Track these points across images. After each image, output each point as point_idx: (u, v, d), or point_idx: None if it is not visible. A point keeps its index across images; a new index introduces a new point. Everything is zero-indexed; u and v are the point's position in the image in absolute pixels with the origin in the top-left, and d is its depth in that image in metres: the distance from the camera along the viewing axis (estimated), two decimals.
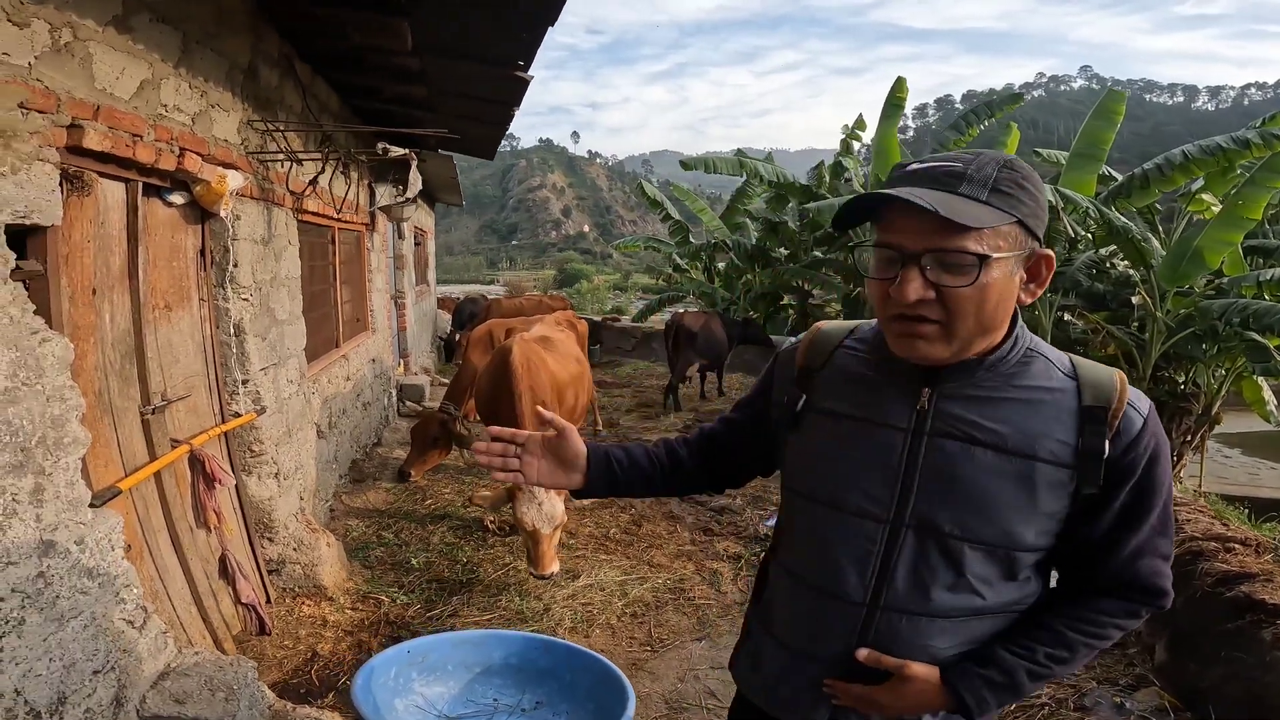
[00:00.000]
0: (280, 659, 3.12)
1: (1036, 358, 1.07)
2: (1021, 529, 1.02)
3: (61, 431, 1.90)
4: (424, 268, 11.51)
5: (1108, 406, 1.03)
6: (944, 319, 0.98)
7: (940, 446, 1.04)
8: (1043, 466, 1.01)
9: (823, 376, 1.16)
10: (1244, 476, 11.46)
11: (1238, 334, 6.58)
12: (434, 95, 4.58)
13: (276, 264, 3.75)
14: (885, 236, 0.99)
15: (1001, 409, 1.03)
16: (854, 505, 1.07)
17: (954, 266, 0.96)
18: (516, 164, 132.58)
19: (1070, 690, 2.77)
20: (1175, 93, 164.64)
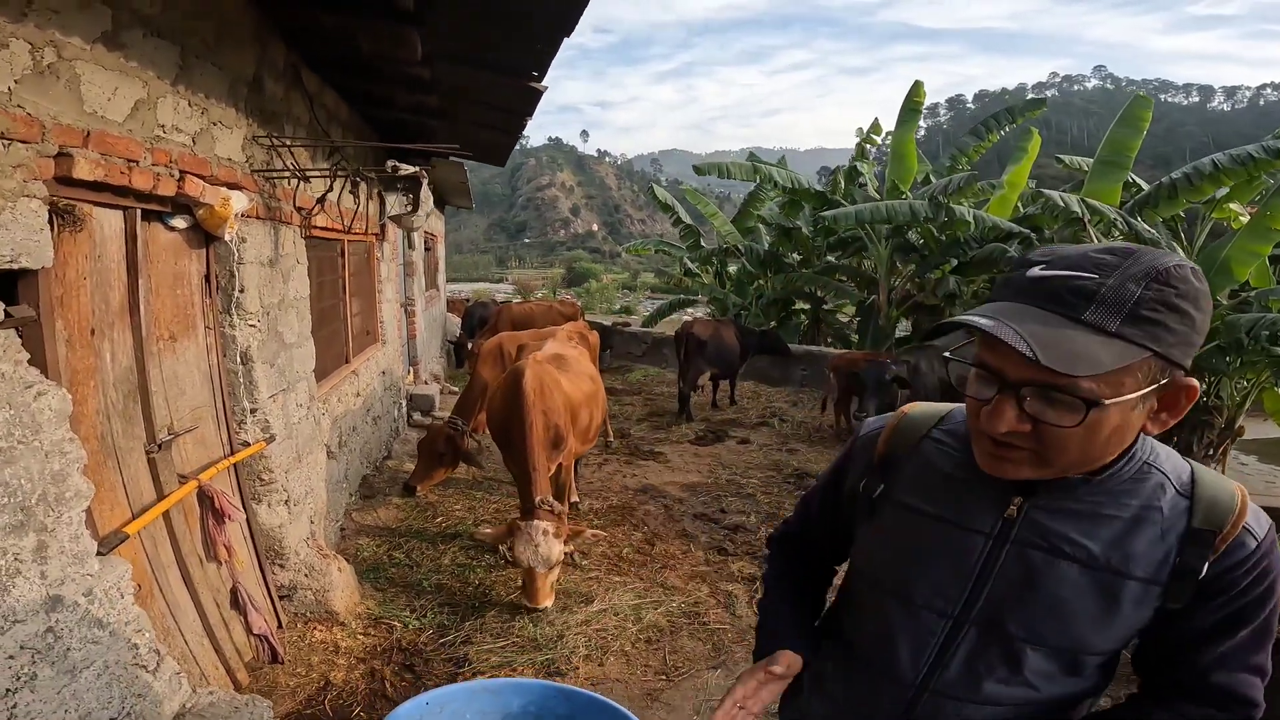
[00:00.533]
0: (293, 688, 3.08)
1: (1152, 473, 0.97)
2: (1094, 638, 0.98)
3: (63, 486, 1.82)
4: (434, 272, 11.45)
5: (1219, 530, 0.94)
6: (1037, 449, 0.90)
7: (1024, 555, 0.98)
8: (1132, 584, 0.95)
9: (906, 467, 1.10)
10: (1261, 484, 11.27)
11: (1264, 349, 6.43)
12: (447, 104, 4.50)
13: (284, 285, 3.67)
14: (984, 355, 0.90)
15: (1100, 526, 0.96)
16: (921, 599, 1.05)
17: (1058, 403, 0.85)
18: (526, 163, 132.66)
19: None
20: (1190, 93, 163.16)
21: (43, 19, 1.87)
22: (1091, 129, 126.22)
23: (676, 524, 5.27)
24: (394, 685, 3.22)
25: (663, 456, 7.01)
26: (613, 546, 4.76)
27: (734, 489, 6.13)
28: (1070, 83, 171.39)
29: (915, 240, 10.32)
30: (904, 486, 1.09)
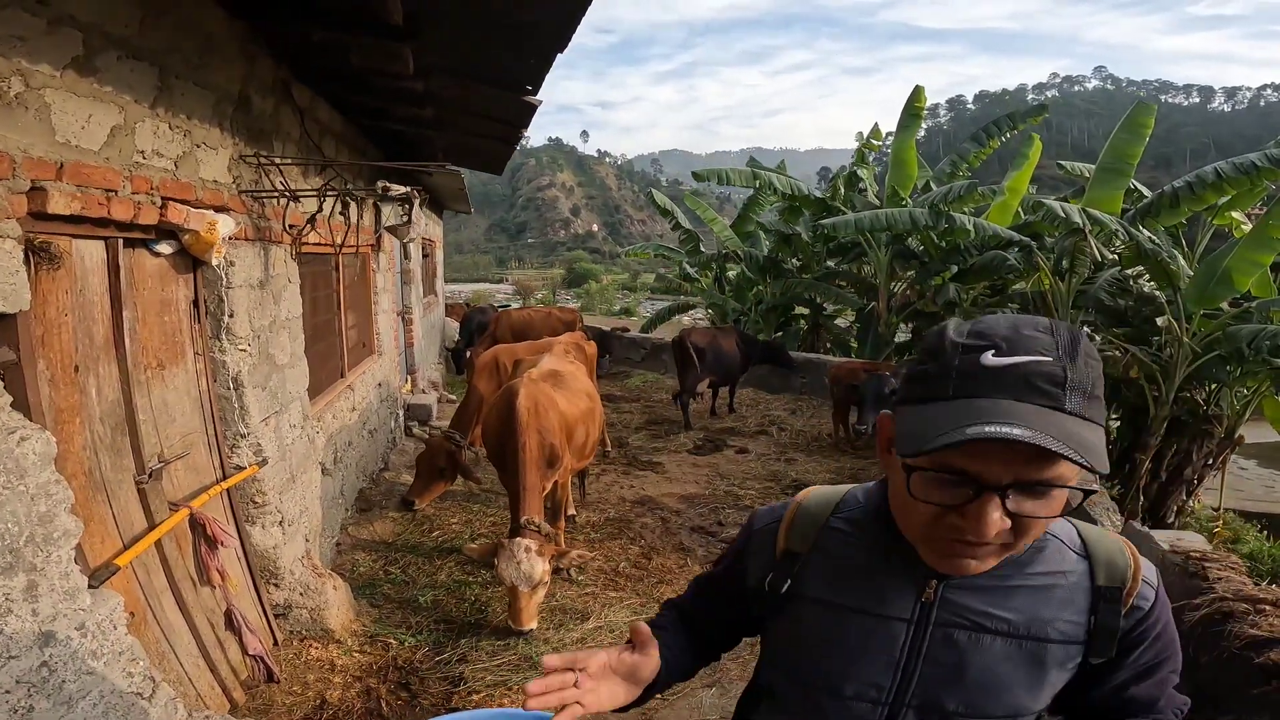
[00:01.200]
0: (289, 706, 3.07)
1: (1049, 540, 0.99)
2: (1028, 702, 0.98)
3: (50, 527, 1.80)
4: (432, 278, 11.44)
5: (1122, 586, 0.99)
6: (1009, 542, 0.87)
7: (948, 636, 0.96)
8: (1054, 647, 0.97)
9: (811, 560, 1.05)
10: (1260, 490, 11.25)
11: (1265, 361, 6.40)
12: (443, 116, 4.50)
13: (276, 306, 3.64)
14: (961, 463, 0.82)
15: (1013, 597, 0.96)
16: (852, 691, 1.00)
17: (1042, 494, 0.83)
18: (526, 163, 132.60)
19: None
20: (1191, 93, 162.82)
21: (7, 47, 1.79)
22: (1092, 130, 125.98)
23: (674, 537, 5.25)
24: (389, 704, 3.20)
25: (661, 467, 6.98)
26: (609, 561, 4.73)
27: (731, 500, 6.10)
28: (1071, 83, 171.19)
29: (915, 247, 10.29)
30: (813, 581, 1.05)
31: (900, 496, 0.91)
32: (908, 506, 0.90)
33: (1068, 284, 7.70)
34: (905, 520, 0.94)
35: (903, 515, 0.94)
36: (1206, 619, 2.97)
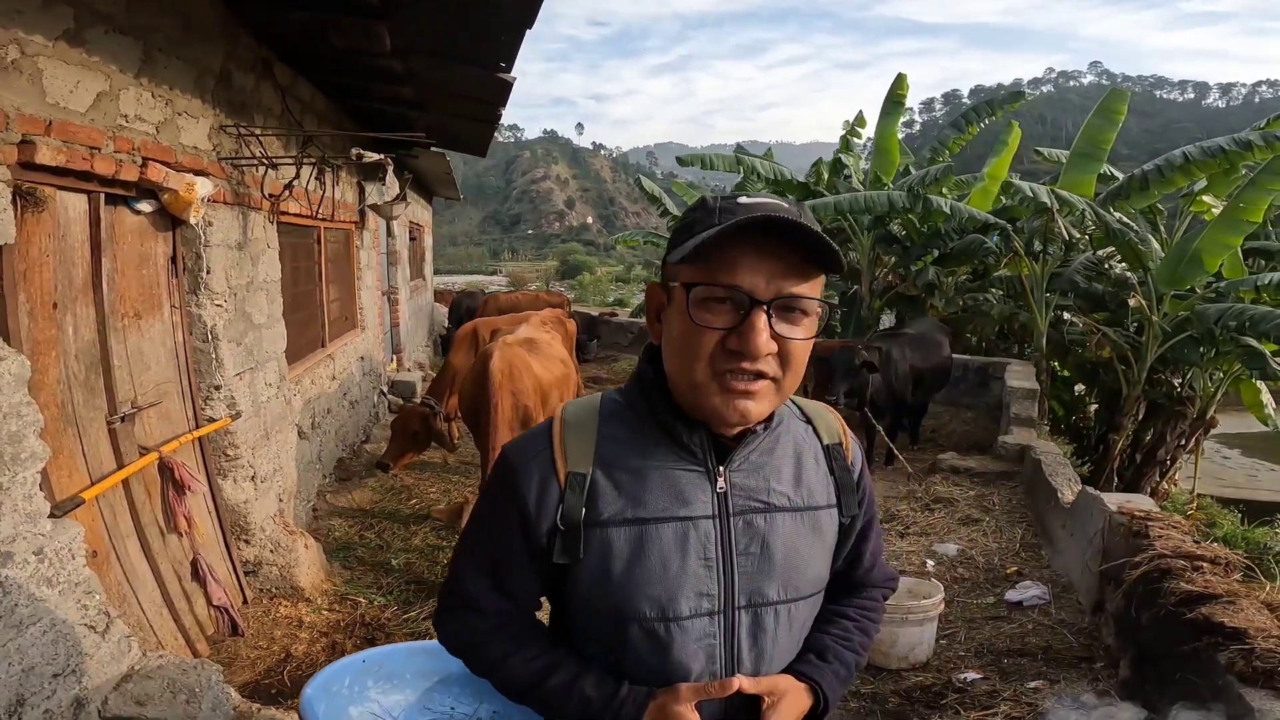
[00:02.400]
0: (253, 659, 3.13)
1: (784, 414, 1.06)
2: (824, 570, 1.07)
3: (19, 447, 1.90)
4: (420, 262, 11.52)
5: (840, 442, 1.09)
6: (778, 375, 0.92)
7: (748, 523, 0.99)
8: (821, 513, 1.05)
9: (596, 480, 0.98)
10: (1242, 478, 11.44)
11: (1234, 339, 6.53)
12: (421, 95, 4.59)
13: (253, 268, 3.75)
14: (727, 278, 0.88)
15: (782, 471, 1.03)
16: (688, 609, 0.97)
17: (797, 314, 0.90)
18: (520, 155, 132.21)
19: (1026, 709, 2.75)
20: (1186, 89, 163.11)
21: (6, 19, 1.99)
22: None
23: None
24: None
25: None
26: None
27: None
28: (1066, 79, 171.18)
29: (898, 232, 10.39)
30: (608, 499, 0.97)
31: (679, 343, 0.92)
32: (688, 349, 0.91)
33: (1042, 265, 7.83)
34: (687, 370, 0.92)
35: (685, 364, 0.92)
36: (1146, 576, 2.99)
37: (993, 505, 5.20)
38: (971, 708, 2.76)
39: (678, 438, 0.98)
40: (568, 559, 0.97)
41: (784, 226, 0.87)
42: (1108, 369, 7.64)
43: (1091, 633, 3.36)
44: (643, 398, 1.02)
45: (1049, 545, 4.42)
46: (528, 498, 0.98)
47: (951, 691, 2.94)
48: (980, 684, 2.98)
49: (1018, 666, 3.13)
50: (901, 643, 3.16)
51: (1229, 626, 2.40)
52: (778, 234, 0.87)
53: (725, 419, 0.93)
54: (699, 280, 0.89)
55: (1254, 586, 2.78)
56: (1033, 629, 3.46)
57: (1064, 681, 2.96)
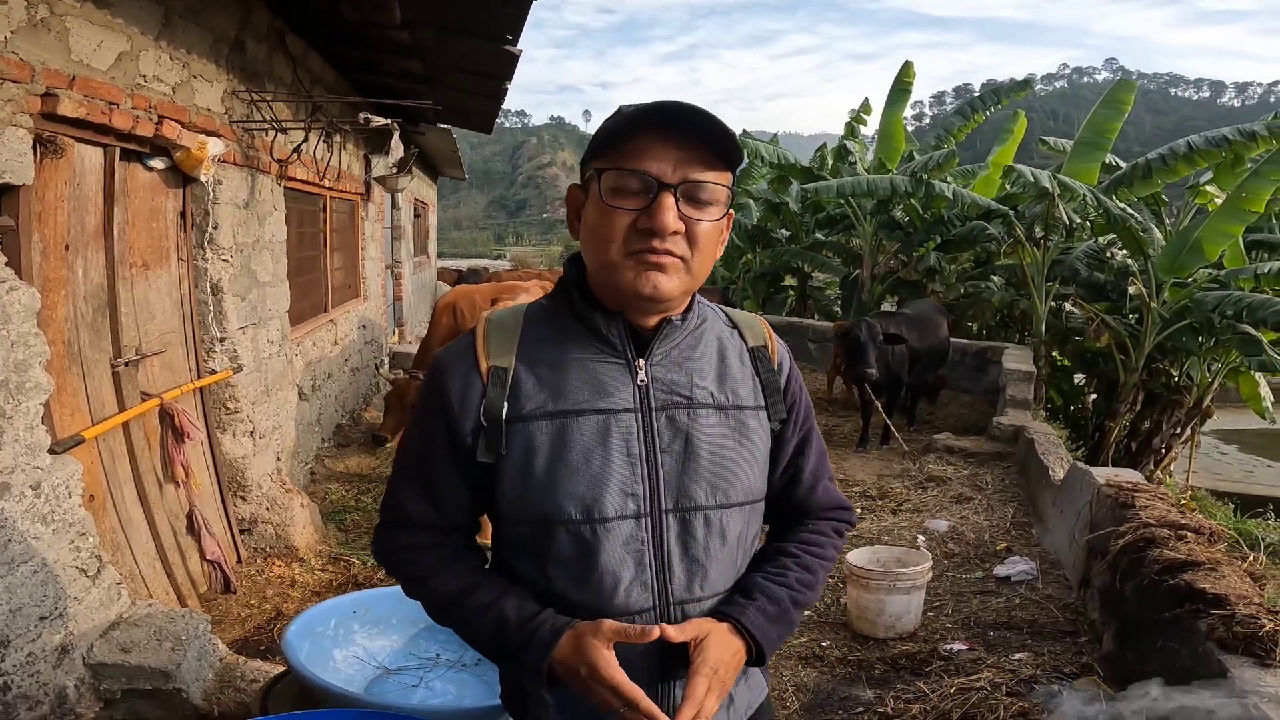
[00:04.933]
0: (244, 617, 3.15)
1: (708, 313, 1.08)
2: (757, 480, 1.05)
3: (24, 376, 1.96)
4: (424, 239, 11.57)
5: (765, 345, 1.09)
6: (686, 256, 0.95)
7: (671, 418, 0.99)
8: (747, 412, 1.04)
9: (519, 374, 0.98)
10: (1238, 473, 11.45)
11: (1231, 327, 6.54)
12: (429, 70, 4.62)
13: (260, 228, 3.81)
14: (636, 164, 0.92)
15: (705, 368, 1.03)
16: (613, 509, 0.95)
17: (703, 201, 0.94)
18: (527, 141, 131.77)
19: (1008, 675, 2.77)
20: (1202, 88, 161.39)
21: None
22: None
23: None
24: None
25: None
26: None
27: None
28: (1081, 74, 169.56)
29: (900, 218, 10.40)
30: (530, 393, 0.97)
31: (594, 229, 0.96)
32: (602, 232, 0.95)
33: (1043, 253, 7.84)
34: (601, 251, 0.95)
35: (599, 247, 0.95)
36: (1130, 546, 2.96)
37: (985, 484, 5.22)
38: (956, 674, 2.79)
39: (596, 329, 0.99)
40: (491, 456, 0.97)
41: (683, 115, 0.91)
42: (1106, 357, 7.65)
43: (1077, 608, 3.39)
44: (564, 295, 1.03)
45: (1039, 523, 4.46)
46: (451, 396, 0.98)
47: (937, 660, 2.98)
48: (965, 654, 3.02)
49: (1003, 639, 3.16)
50: (889, 611, 3.19)
51: (1210, 593, 2.38)
52: (683, 127, 0.92)
53: (638, 291, 0.94)
54: (611, 166, 0.94)
55: (1236, 557, 2.77)
56: (1019, 603, 3.49)
57: (1048, 654, 2.98)
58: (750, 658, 0.99)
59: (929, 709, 2.54)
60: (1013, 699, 2.55)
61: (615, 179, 0.93)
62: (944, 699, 2.58)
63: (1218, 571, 2.52)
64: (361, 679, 2.04)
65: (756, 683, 1.10)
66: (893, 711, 2.58)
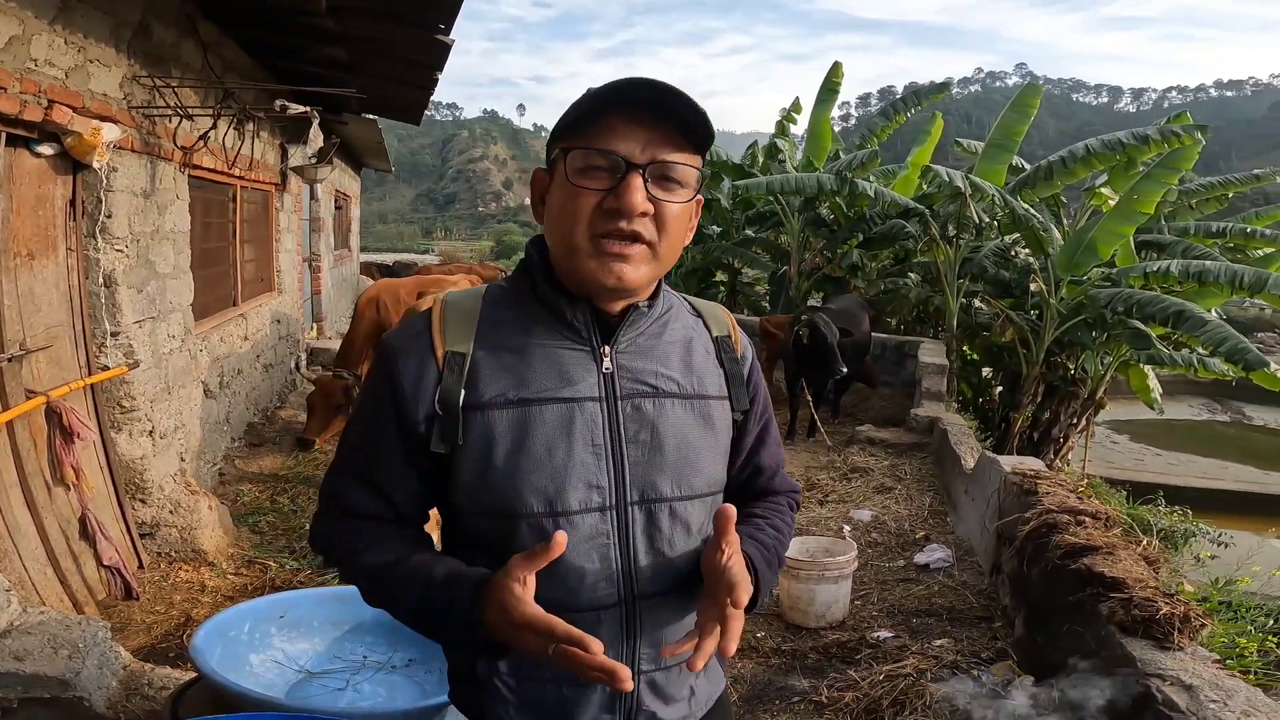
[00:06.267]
0: (150, 624, 3.00)
1: (674, 302, 1.06)
2: (719, 471, 1.04)
3: None
4: (346, 232, 11.20)
5: (729, 335, 1.08)
6: (654, 239, 0.92)
7: (636, 407, 0.96)
8: (712, 402, 1.02)
9: (477, 360, 0.94)
10: (1130, 461, 12.24)
11: (1122, 322, 6.99)
12: (356, 57, 4.46)
13: (160, 217, 3.63)
14: (604, 143, 0.89)
15: (670, 356, 1.00)
16: (577, 502, 0.92)
17: (672, 183, 0.91)
18: (458, 134, 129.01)
19: (932, 661, 2.85)
20: (1101, 93, 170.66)
21: None
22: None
23: None
24: None
25: None
26: None
27: None
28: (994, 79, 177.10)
29: (826, 216, 10.69)
30: (489, 380, 0.93)
31: (559, 211, 0.93)
32: (567, 213, 0.92)
33: (955, 251, 8.20)
34: (566, 235, 0.92)
35: (564, 229, 0.92)
36: (1035, 532, 3.02)
37: (905, 474, 5.39)
38: (884, 662, 2.86)
39: (561, 314, 0.96)
40: (446, 446, 0.92)
41: (655, 94, 0.89)
42: (1011, 352, 8.07)
43: (990, 593, 3.49)
44: (527, 278, 0.99)
45: (954, 511, 4.61)
46: (403, 381, 0.93)
47: (865, 647, 3.06)
48: (892, 641, 3.10)
49: (925, 625, 3.25)
50: (819, 600, 3.26)
51: (1109, 576, 2.42)
52: (652, 107, 0.90)
53: (602, 282, 0.91)
54: (578, 145, 0.90)
55: (1131, 541, 2.87)
56: (938, 590, 3.60)
57: (966, 640, 3.07)
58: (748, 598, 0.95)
59: (860, 696, 2.59)
60: (937, 685, 2.60)
61: (582, 158, 0.90)
62: (874, 686, 2.64)
63: (1115, 556, 2.58)
64: (283, 683, 1.97)
65: (715, 675, 1.09)
66: (827, 700, 2.63)
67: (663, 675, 0.99)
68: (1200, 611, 2.22)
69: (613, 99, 0.89)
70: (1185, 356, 7.33)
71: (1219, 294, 6.99)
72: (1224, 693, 1.84)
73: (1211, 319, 6.35)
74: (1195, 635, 2.16)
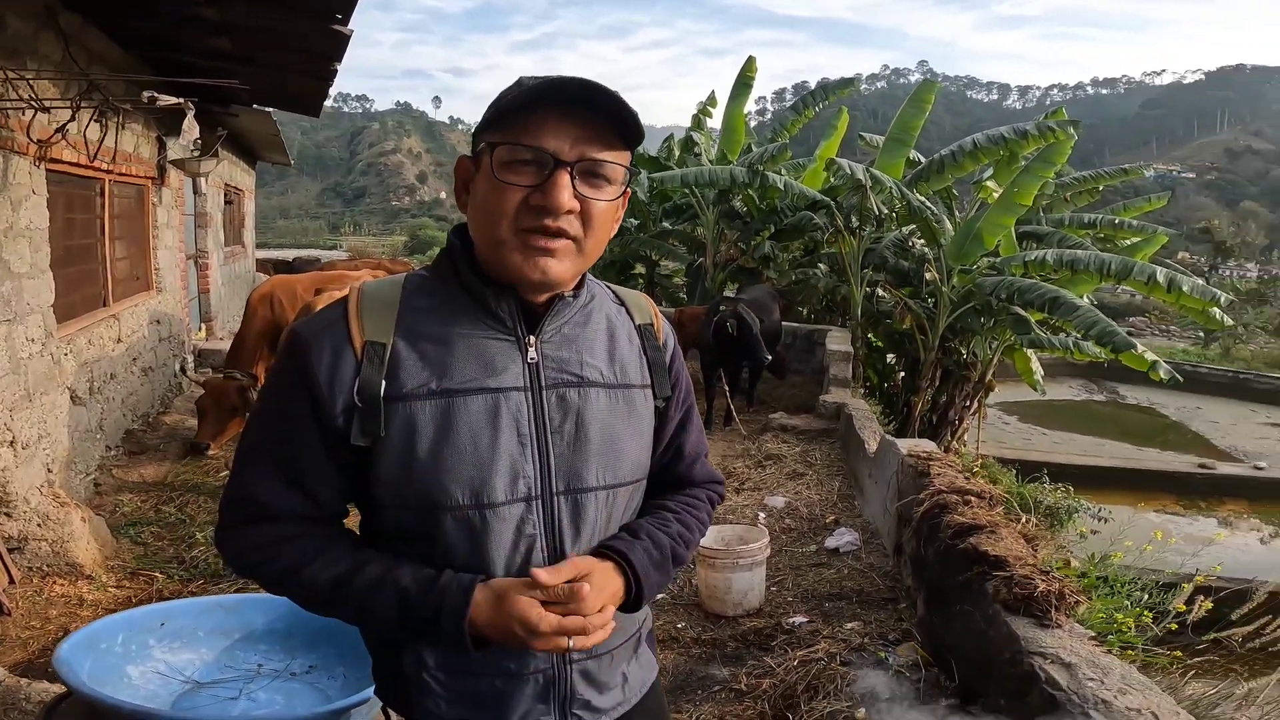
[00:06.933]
0: (25, 639, 2.87)
1: (597, 291, 1.06)
2: (644, 457, 1.04)
3: None
4: (239, 228, 10.62)
5: (651, 323, 1.10)
6: (579, 235, 0.92)
7: (561, 397, 0.96)
8: (635, 390, 1.03)
9: (398, 350, 0.92)
10: (1020, 441, 13.06)
11: (1005, 308, 7.43)
12: (244, 48, 4.22)
13: (14, 213, 3.39)
14: (534, 139, 0.89)
15: (595, 345, 1.01)
16: (503, 493, 0.92)
17: (600, 179, 0.92)
18: (368, 127, 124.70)
19: (841, 645, 2.91)
20: (991, 90, 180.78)
21: None
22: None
23: None
24: None
25: None
26: None
27: None
28: (898, 75, 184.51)
29: (740, 208, 10.89)
30: (411, 371, 0.91)
31: (485, 204, 0.92)
32: (493, 208, 0.91)
33: (858, 242, 8.52)
34: (491, 229, 0.92)
35: (489, 224, 0.92)
36: (928, 512, 3.06)
37: (815, 460, 5.49)
38: (798, 647, 2.90)
39: (485, 304, 0.95)
40: (367, 439, 0.90)
41: (586, 91, 0.89)
42: (910, 338, 8.45)
43: (895, 575, 3.56)
44: (450, 267, 0.98)
45: (860, 494, 4.72)
46: (318, 373, 0.90)
47: (781, 633, 3.11)
48: (806, 626, 3.15)
49: (837, 609, 3.31)
50: (735, 589, 3.28)
51: (993, 555, 2.45)
52: (583, 104, 0.89)
53: (527, 276, 0.91)
54: (506, 141, 0.90)
55: (1012, 519, 2.94)
56: (848, 573, 3.66)
57: (875, 622, 3.14)
58: (628, 598, 0.96)
59: (777, 683, 2.62)
60: (846, 668, 2.65)
61: (510, 153, 0.89)
62: (789, 672, 2.67)
63: (997, 534, 2.62)
64: (167, 694, 1.90)
65: (647, 661, 1.11)
66: (745, 688, 2.66)
67: (595, 664, 1.01)
68: (1075, 588, 2.24)
69: (545, 94, 0.89)
70: (1062, 340, 7.86)
71: (1090, 281, 7.52)
72: (1100, 670, 1.87)
73: (1083, 305, 6.82)
74: (1072, 612, 2.18)
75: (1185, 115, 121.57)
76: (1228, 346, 20.69)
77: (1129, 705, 1.69)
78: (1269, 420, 15.52)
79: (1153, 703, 1.72)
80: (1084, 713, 1.69)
